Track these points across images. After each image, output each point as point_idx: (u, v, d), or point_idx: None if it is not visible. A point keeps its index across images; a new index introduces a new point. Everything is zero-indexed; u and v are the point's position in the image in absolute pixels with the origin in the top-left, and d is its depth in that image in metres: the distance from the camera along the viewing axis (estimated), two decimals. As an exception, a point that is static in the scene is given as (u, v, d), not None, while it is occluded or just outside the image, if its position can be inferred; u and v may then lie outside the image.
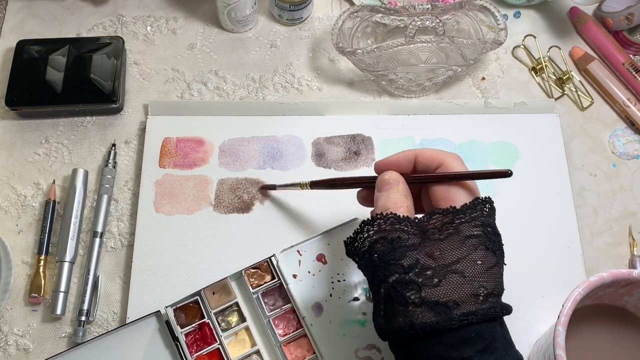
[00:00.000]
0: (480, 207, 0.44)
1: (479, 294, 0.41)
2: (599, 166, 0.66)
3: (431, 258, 0.42)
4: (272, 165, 0.64)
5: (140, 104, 0.68)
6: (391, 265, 0.42)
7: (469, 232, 0.42)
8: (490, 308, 0.41)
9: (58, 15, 0.73)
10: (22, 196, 0.63)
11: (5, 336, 0.58)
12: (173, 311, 0.56)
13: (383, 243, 0.42)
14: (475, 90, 0.70)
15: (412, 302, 0.41)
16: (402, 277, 0.41)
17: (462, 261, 0.41)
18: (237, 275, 0.58)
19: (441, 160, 0.46)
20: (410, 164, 0.48)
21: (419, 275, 0.41)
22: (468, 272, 0.41)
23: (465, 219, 0.43)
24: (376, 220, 0.43)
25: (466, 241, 0.42)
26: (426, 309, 0.40)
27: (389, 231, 0.43)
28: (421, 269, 0.41)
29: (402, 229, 0.43)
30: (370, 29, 0.71)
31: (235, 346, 0.56)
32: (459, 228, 0.42)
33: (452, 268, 0.41)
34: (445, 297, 0.40)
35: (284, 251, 0.59)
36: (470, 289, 0.41)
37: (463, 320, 0.40)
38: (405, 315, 0.41)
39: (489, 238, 0.43)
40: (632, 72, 0.69)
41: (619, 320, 0.53)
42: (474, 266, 0.41)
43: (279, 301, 0.57)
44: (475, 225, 0.43)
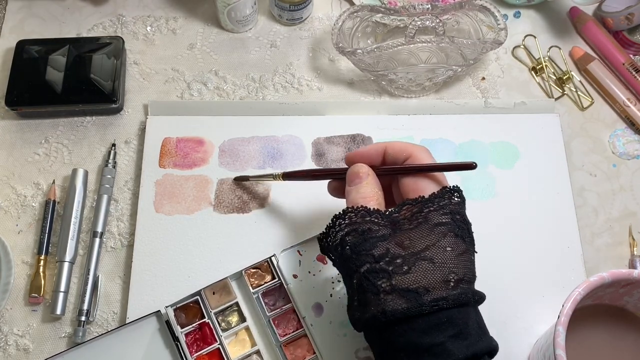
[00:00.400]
0: (449, 195, 0.45)
1: (449, 279, 0.42)
2: (599, 166, 0.66)
3: (401, 247, 0.43)
4: (272, 165, 0.64)
5: (140, 104, 0.68)
6: (362, 255, 0.43)
7: (437, 220, 0.43)
8: (461, 294, 0.41)
9: (58, 15, 0.73)
10: (22, 196, 0.63)
11: (5, 336, 0.58)
12: (173, 311, 0.56)
13: (354, 235, 0.44)
14: (475, 90, 0.70)
15: (383, 290, 0.41)
16: (373, 267, 0.42)
17: (432, 248, 0.42)
18: (238, 275, 0.58)
19: (409, 152, 0.48)
20: (379, 156, 0.49)
21: (389, 264, 0.42)
22: (437, 259, 0.42)
23: (433, 207, 0.44)
24: (347, 214, 0.44)
25: (435, 229, 0.43)
26: (397, 296, 0.41)
27: (360, 223, 0.44)
28: (391, 258, 0.42)
29: (372, 221, 0.44)
30: (370, 29, 0.71)
31: (235, 346, 0.56)
32: (428, 216, 0.43)
33: (421, 255, 0.42)
34: (415, 283, 0.41)
35: (284, 251, 0.59)
36: (440, 275, 0.41)
37: (434, 305, 0.40)
38: (377, 303, 0.42)
39: (458, 225, 0.44)
40: (632, 72, 0.69)
41: (619, 320, 0.53)
42: (443, 253, 0.42)
43: (279, 301, 0.57)
44: (443, 213, 0.44)
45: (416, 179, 0.46)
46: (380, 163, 0.49)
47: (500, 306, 0.58)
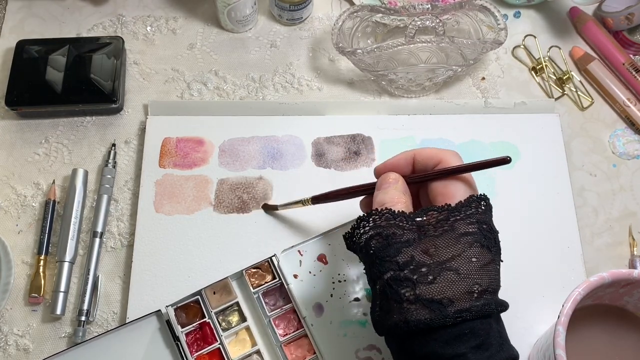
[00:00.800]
0: (476, 204, 0.44)
1: (473, 291, 0.41)
2: (599, 166, 0.66)
3: (426, 254, 0.42)
4: (272, 165, 0.64)
5: (140, 104, 0.68)
6: (386, 262, 0.42)
7: (463, 230, 0.42)
8: (484, 305, 0.41)
9: (58, 15, 0.73)
10: (22, 196, 0.63)
11: (5, 336, 0.58)
12: (174, 310, 0.56)
13: (378, 239, 0.43)
14: (475, 90, 0.70)
15: (406, 299, 0.41)
16: (397, 274, 0.41)
17: (457, 258, 0.42)
18: (238, 275, 0.58)
19: (439, 157, 0.46)
20: (409, 165, 0.48)
21: (414, 273, 0.41)
22: (462, 270, 0.41)
23: (460, 216, 0.43)
24: (371, 216, 0.44)
25: (461, 238, 0.42)
26: (420, 306, 0.41)
27: (384, 227, 0.43)
28: (416, 266, 0.41)
29: (397, 225, 0.43)
30: (370, 29, 0.71)
31: (235, 346, 0.56)
32: (454, 225, 0.42)
33: (446, 265, 0.41)
34: (440, 294, 0.41)
35: (284, 251, 0.59)
36: (465, 286, 0.41)
37: (457, 317, 0.40)
38: (400, 312, 0.41)
39: (484, 235, 0.43)
40: (632, 72, 0.69)
41: (619, 320, 0.53)
42: (468, 263, 0.42)
43: (280, 301, 0.57)
44: (470, 223, 0.43)
45: (446, 183, 0.45)
46: (410, 172, 0.48)
47: (500, 306, 0.58)
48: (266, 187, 0.63)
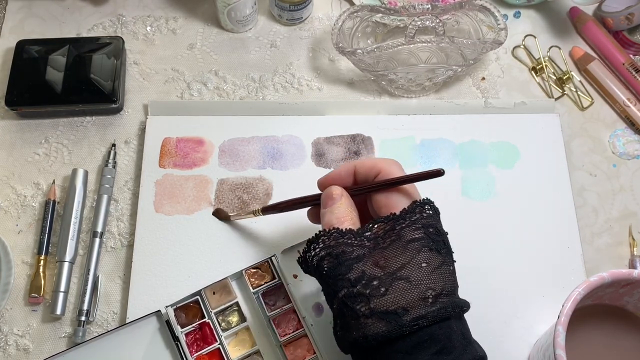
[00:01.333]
0: (420, 209, 0.44)
1: (427, 296, 0.41)
2: (599, 166, 0.66)
3: (377, 267, 0.42)
4: (272, 165, 0.64)
5: (140, 104, 0.68)
6: (339, 280, 0.42)
7: (410, 236, 0.43)
8: (440, 309, 0.41)
9: (58, 15, 0.73)
10: (22, 196, 0.63)
11: (5, 336, 0.58)
12: (173, 311, 0.56)
13: (329, 259, 0.43)
14: (475, 90, 0.70)
15: (362, 314, 0.41)
16: (350, 291, 0.42)
17: (407, 266, 0.42)
18: (238, 275, 0.58)
19: (379, 168, 0.47)
20: (350, 177, 0.48)
21: (366, 287, 0.42)
22: (414, 277, 0.42)
23: (405, 223, 0.43)
24: (320, 237, 0.44)
25: (408, 245, 0.42)
26: (376, 319, 0.41)
27: (334, 247, 0.43)
28: (368, 280, 0.42)
29: (345, 243, 0.43)
30: (370, 29, 0.71)
31: (235, 346, 0.56)
32: (401, 233, 0.43)
33: (397, 275, 0.42)
34: (394, 304, 0.41)
35: (284, 251, 0.59)
36: (417, 292, 0.41)
37: (414, 325, 0.40)
38: (357, 327, 0.41)
39: (432, 239, 0.43)
40: (632, 72, 0.69)
41: (619, 320, 0.53)
42: (418, 270, 0.42)
43: (280, 301, 0.57)
44: (416, 229, 0.43)
45: (387, 195, 0.46)
46: (352, 183, 0.48)
47: (500, 306, 0.58)
48: (266, 187, 0.63)
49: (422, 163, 0.65)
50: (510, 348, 0.57)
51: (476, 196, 0.63)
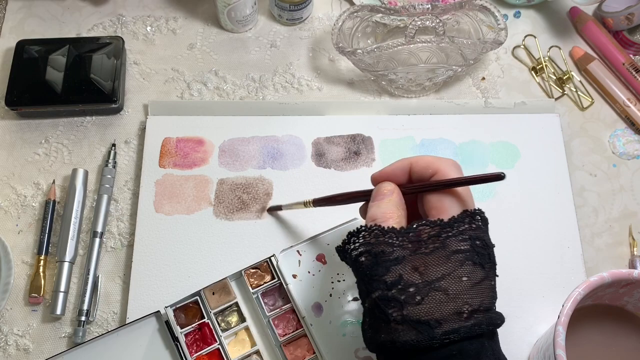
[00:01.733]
0: (469, 219, 0.42)
1: (462, 311, 0.40)
2: (599, 166, 0.66)
3: (416, 272, 0.41)
4: (272, 165, 0.64)
5: (140, 104, 0.68)
6: (374, 280, 0.41)
7: (455, 247, 0.41)
8: (474, 325, 0.40)
9: (58, 15, 0.73)
10: (22, 196, 0.63)
11: (5, 336, 0.58)
12: (173, 311, 0.56)
13: (367, 257, 0.42)
14: (475, 90, 0.70)
15: (394, 319, 0.40)
16: (384, 294, 0.41)
17: (447, 278, 0.40)
18: (237, 275, 0.58)
19: (436, 167, 0.45)
20: (405, 174, 0.47)
21: (402, 293, 0.40)
22: (452, 290, 0.40)
23: (452, 232, 0.42)
24: (361, 232, 0.43)
25: (452, 256, 0.41)
26: (408, 327, 0.40)
27: (373, 244, 0.42)
28: (404, 286, 0.40)
29: (386, 242, 0.42)
30: (370, 29, 0.71)
31: (235, 346, 0.56)
32: (446, 242, 0.41)
33: (435, 285, 0.40)
34: (427, 315, 0.40)
35: (283, 251, 0.59)
36: (454, 306, 0.40)
37: (444, 339, 0.39)
38: (387, 331, 0.40)
39: (477, 252, 0.42)
40: (632, 72, 0.69)
41: (619, 321, 0.53)
42: (458, 283, 0.40)
43: (279, 301, 0.57)
44: (462, 240, 0.41)
45: (440, 197, 0.44)
46: (406, 181, 0.47)
47: (500, 306, 0.58)
48: (266, 187, 0.63)
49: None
50: (510, 348, 0.57)
51: (476, 196, 0.62)
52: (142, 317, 0.55)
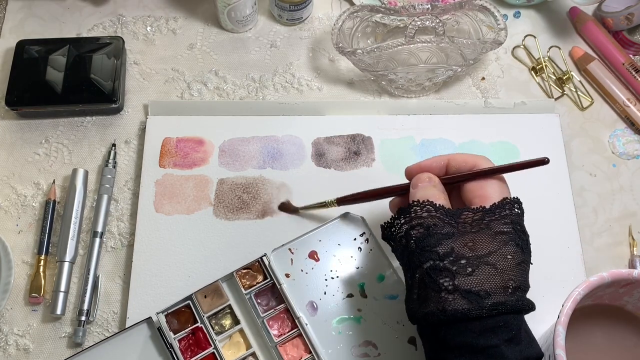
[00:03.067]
0: (509, 206, 0.45)
1: (508, 286, 0.43)
2: (599, 166, 0.66)
3: (465, 247, 0.43)
4: (272, 165, 0.64)
5: (140, 104, 0.68)
6: (426, 251, 0.43)
7: (499, 229, 0.44)
8: (518, 300, 0.43)
9: (58, 15, 0.73)
10: (22, 196, 0.63)
11: (5, 336, 0.58)
12: (165, 317, 0.55)
13: (419, 229, 0.44)
14: (475, 90, 0.70)
15: (445, 288, 0.42)
16: (436, 264, 0.43)
17: (494, 254, 0.43)
18: (229, 276, 0.57)
19: (473, 162, 0.48)
20: (442, 169, 0.49)
21: (453, 264, 0.43)
22: (499, 265, 0.43)
23: (495, 217, 0.44)
24: (413, 207, 0.45)
25: (497, 237, 0.44)
26: (458, 297, 0.42)
27: (425, 218, 0.44)
28: (455, 258, 0.43)
29: (437, 217, 0.44)
30: (370, 29, 0.71)
31: (230, 349, 0.56)
32: (490, 225, 0.44)
33: (484, 259, 0.43)
34: (477, 286, 0.42)
35: (275, 250, 0.58)
36: (501, 280, 0.42)
37: (493, 309, 0.41)
38: (437, 301, 0.42)
39: (519, 235, 0.45)
40: (632, 72, 0.69)
41: (619, 320, 0.53)
42: (504, 260, 0.43)
43: (273, 301, 0.57)
44: (505, 223, 0.44)
45: (481, 184, 0.47)
46: (442, 175, 0.49)
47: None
48: (266, 187, 0.63)
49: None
50: (510, 348, 0.57)
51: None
52: (133, 324, 0.55)
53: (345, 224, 0.60)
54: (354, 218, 0.60)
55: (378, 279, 0.58)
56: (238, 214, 0.62)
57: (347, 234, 0.60)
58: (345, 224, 0.60)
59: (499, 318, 0.42)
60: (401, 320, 0.57)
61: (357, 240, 0.60)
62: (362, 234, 0.60)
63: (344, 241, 0.60)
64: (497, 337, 0.41)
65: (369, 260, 0.59)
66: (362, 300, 0.58)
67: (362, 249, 0.59)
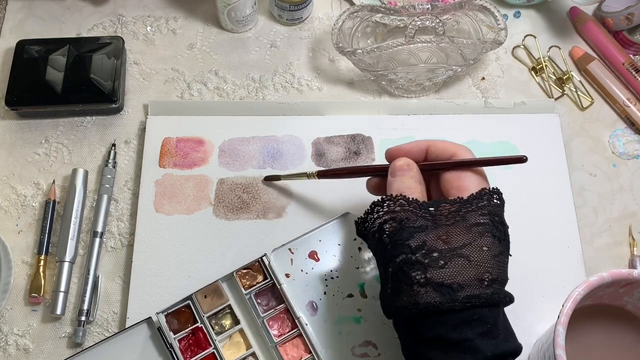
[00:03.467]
0: (488, 197, 0.44)
1: (483, 278, 0.42)
2: (599, 166, 0.66)
3: (439, 240, 0.43)
4: (272, 165, 0.64)
5: (140, 104, 0.68)
6: (399, 245, 0.43)
7: (475, 220, 0.43)
8: (493, 293, 0.42)
9: (58, 15, 0.73)
10: (22, 196, 0.63)
11: (5, 336, 0.58)
12: (165, 317, 0.55)
13: (392, 223, 0.44)
14: (475, 90, 0.70)
15: (417, 282, 0.42)
16: (408, 257, 0.42)
17: (468, 246, 0.42)
18: (229, 277, 0.57)
19: (453, 151, 0.47)
20: (422, 154, 0.49)
21: (426, 257, 0.42)
22: (474, 257, 0.42)
23: (471, 208, 0.44)
24: (385, 202, 0.45)
25: (472, 228, 0.43)
26: (431, 289, 0.41)
27: (398, 212, 0.44)
28: (428, 251, 0.42)
29: (411, 211, 0.44)
30: (370, 29, 0.71)
31: (230, 349, 0.56)
32: (466, 216, 0.43)
33: (458, 252, 0.42)
34: (450, 279, 0.41)
35: (275, 250, 0.58)
36: (476, 273, 0.42)
37: (466, 302, 0.41)
38: (410, 294, 0.42)
39: (496, 227, 0.44)
40: (632, 72, 0.69)
41: (619, 320, 0.53)
42: (479, 252, 0.42)
43: (273, 301, 0.57)
44: (482, 214, 0.43)
45: (459, 175, 0.46)
46: (422, 160, 0.49)
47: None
48: (266, 186, 0.63)
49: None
50: (510, 348, 0.57)
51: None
52: (134, 324, 0.55)
53: (345, 224, 0.60)
54: (354, 218, 0.60)
55: (378, 279, 0.58)
56: (238, 214, 0.62)
57: (347, 234, 0.60)
58: (345, 224, 0.60)
59: (473, 311, 0.41)
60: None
61: (357, 240, 0.60)
62: (362, 234, 0.60)
63: (344, 241, 0.60)
64: (471, 331, 0.41)
65: (369, 261, 0.59)
66: (362, 300, 0.58)
67: (362, 249, 0.60)
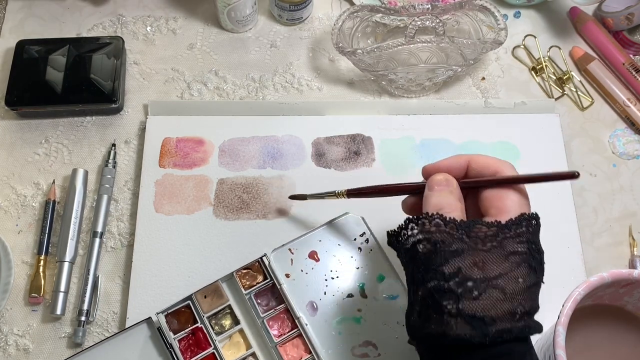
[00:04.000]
0: (527, 223, 0.42)
1: (516, 312, 0.40)
2: (599, 166, 0.66)
3: (474, 267, 0.40)
4: (272, 165, 0.64)
5: (140, 104, 0.68)
6: (431, 270, 0.40)
7: (512, 249, 0.41)
8: (524, 327, 0.40)
9: (58, 15, 0.73)
10: (22, 196, 0.63)
11: (5, 336, 0.58)
12: (165, 317, 0.55)
13: (426, 244, 0.41)
14: (475, 90, 0.70)
15: (448, 311, 0.39)
16: (441, 285, 0.40)
17: (504, 277, 0.40)
18: (228, 277, 0.57)
19: (496, 168, 0.45)
20: (462, 171, 0.46)
21: (459, 286, 0.40)
22: (509, 289, 0.40)
23: (510, 234, 0.41)
24: (421, 219, 0.42)
25: (509, 257, 0.41)
26: (462, 321, 0.39)
27: (433, 233, 0.41)
28: (462, 279, 0.40)
29: (447, 232, 0.41)
30: (370, 29, 0.71)
31: (230, 349, 0.56)
32: (503, 243, 0.41)
33: (493, 283, 0.40)
34: (483, 311, 0.39)
35: (275, 250, 0.58)
36: (509, 306, 0.40)
37: (497, 337, 0.39)
38: (439, 323, 0.40)
39: (533, 256, 0.41)
40: (632, 72, 0.69)
41: (619, 320, 0.53)
42: (515, 284, 0.40)
43: (273, 301, 0.57)
44: (520, 242, 0.41)
45: (501, 195, 0.43)
46: (462, 177, 0.46)
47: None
48: (266, 187, 0.63)
49: (422, 163, 0.64)
50: (510, 348, 0.56)
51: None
52: (134, 324, 0.55)
53: (345, 224, 0.60)
54: (354, 218, 0.60)
55: (378, 279, 0.58)
56: (238, 214, 0.62)
57: (347, 234, 0.60)
58: (345, 224, 0.60)
59: (504, 346, 0.39)
60: (401, 321, 0.57)
61: (357, 240, 0.60)
62: (362, 234, 0.60)
63: (344, 241, 0.60)
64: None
65: (369, 261, 0.59)
66: (362, 300, 0.58)
67: (362, 249, 0.59)
